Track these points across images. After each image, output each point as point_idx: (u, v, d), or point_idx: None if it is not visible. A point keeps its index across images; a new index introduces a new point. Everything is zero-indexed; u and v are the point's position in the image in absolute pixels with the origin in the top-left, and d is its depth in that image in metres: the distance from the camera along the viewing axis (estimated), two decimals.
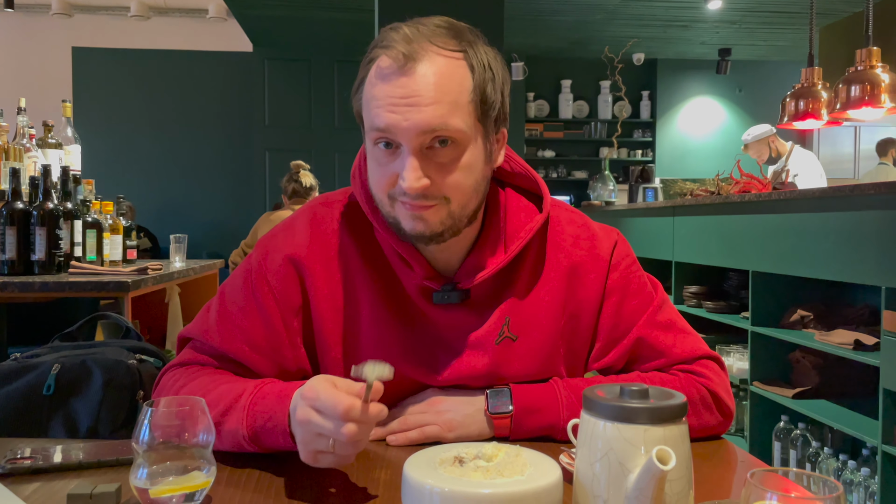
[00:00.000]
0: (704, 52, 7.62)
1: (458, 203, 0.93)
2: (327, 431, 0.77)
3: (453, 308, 1.01)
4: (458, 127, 0.89)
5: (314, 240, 1.01)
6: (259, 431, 0.87)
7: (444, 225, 0.93)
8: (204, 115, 7.63)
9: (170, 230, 4.31)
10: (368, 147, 0.95)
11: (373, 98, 0.91)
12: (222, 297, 1.02)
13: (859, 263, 2.43)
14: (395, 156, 0.91)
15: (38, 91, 7.00)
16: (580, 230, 1.07)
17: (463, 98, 0.90)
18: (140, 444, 0.73)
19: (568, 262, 1.04)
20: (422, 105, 0.88)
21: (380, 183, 0.93)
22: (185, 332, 1.04)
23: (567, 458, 0.91)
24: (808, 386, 2.85)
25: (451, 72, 0.90)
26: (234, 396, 0.90)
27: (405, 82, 0.88)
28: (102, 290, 2.19)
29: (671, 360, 1.04)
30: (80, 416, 1.22)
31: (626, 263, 1.06)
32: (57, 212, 2.44)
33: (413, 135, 0.88)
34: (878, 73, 2.99)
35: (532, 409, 0.98)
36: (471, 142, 0.92)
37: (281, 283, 1.00)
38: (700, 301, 3.66)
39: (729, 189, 3.45)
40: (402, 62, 0.88)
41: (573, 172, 7.94)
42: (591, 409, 0.68)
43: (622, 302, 1.04)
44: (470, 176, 0.93)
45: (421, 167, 0.89)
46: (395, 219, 0.94)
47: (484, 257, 1.00)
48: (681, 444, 0.66)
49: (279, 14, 6.37)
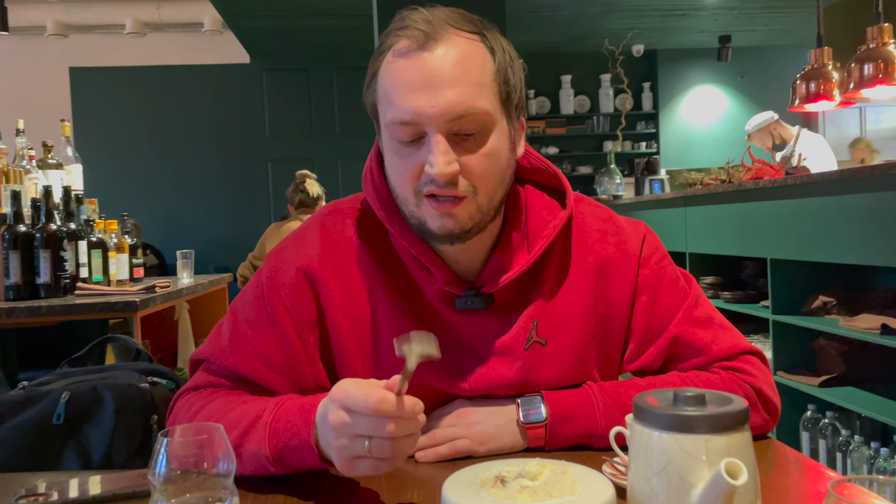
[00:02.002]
0: (704, 40, 7.55)
1: (486, 193, 0.89)
2: (363, 430, 0.73)
3: (477, 314, 0.96)
4: (484, 108, 0.86)
5: (326, 250, 0.97)
6: (283, 450, 0.82)
7: (473, 220, 0.89)
8: (204, 128, 7.60)
9: (175, 246, 4.27)
10: (387, 142, 0.90)
11: (392, 86, 0.87)
12: (234, 316, 0.98)
13: (883, 246, 2.37)
14: (419, 145, 0.87)
15: (36, 113, 6.98)
16: (606, 225, 1.02)
17: (486, 79, 0.87)
18: (157, 476, 0.68)
19: (595, 259, 0.99)
20: (446, 86, 0.84)
21: (404, 177, 0.89)
22: (198, 354, 0.99)
23: (610, 468, 0.85)
24: (835, 373, 2.79)
25: (472, 52, 0.87)
26: (255, 416, 0.85)
27: (427, 62, 0.85)
28: (110, 310, 2.15)
29: (711, 358, 0.98)
30: (93, 444, 1.18)
31: (657, 258, 1.02)
32: (60, 233, 2.40)
33: (440, 120, 0.84)
34: (892, 51, 2.92)
35: (567, 416, 0.93)
36: (496, 126, 0.89)
37: (294, 296, 0.95)
38: (717, 292, 3.60)
39: (741, 176, 3.38)
40: (422, 41, 0.85)
41: (578, 168, 7.88)
42: (644, 418, 0.63)
43: (655, 299, 0.99)
44: (497, 163, 0.90)
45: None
46: (421, 219, 0.90)
47: (507, 258, 0.96)
48: (746, 453, 0.60)
49: (275, 24, 6.33)
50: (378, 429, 0.72)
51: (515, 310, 0.97)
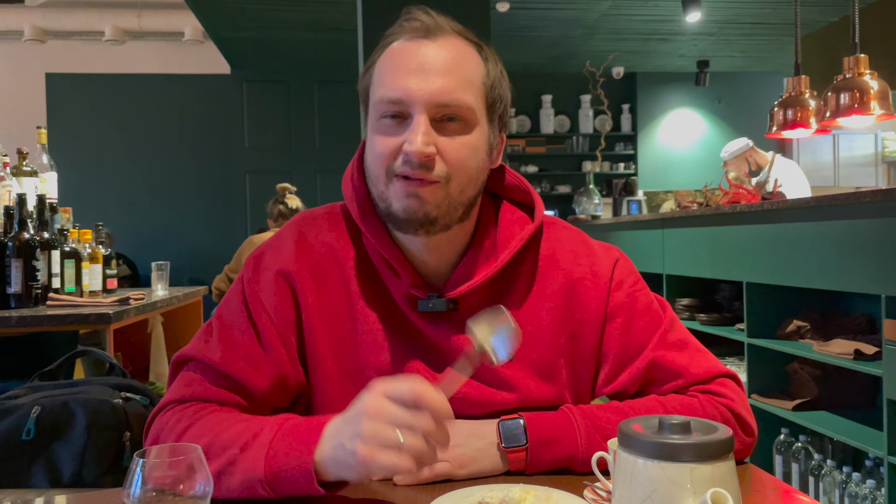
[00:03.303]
0: (683, 64, 7.66)
1: (458, 184, 0.92)
2: (402, 419, 0.74)
3: (443, 321, 0.98)
4: (469, 103, 0.91)
5: (301, 253, 1.00)
6: (278, 472, 0.80)
7: (440, 209, 0.91)
8: (182, 138, 7.54)
9: (149, 256, 4.22)
10: (372, 123, 0.95)
11: (387, 69, 0.93)
12: (220, 319, 0.99)
13: (857, 272, 2.40)
14: (402, 127, 0.91)
15: (11, 119, 6.89)
16: (579, 247, 1.05)
17: (476, 80, 0.93)
18: (131, 498, 0.67)
19: (566, 279, 1.02)
20: (437, 75, 0.90)
21: (382, 154, 0.92)
22: (183, 354, 0.98)
23: (592, 493, 0.85)
24: (808, 397, 2.81)
25: (466, 54, 0.94)
26: (252, 434, 0.84)
27: (424, 51, 0.91)
28: (83, 322, 2.11)
29: (688, 381, 0.99)
30: (63, 461, 1.15)
31: (630, 282, 1.03)
32: (33, 242, 2.36)
33: (426, 102, 0.89)
34: (867, 81, 2.98)
35: (548, 440, 0.92)
36: (477, 124, 0.93)
37: (274, 299, 0.97)
38: (693, 314, 3.62)
39: (718, 200, 3.42)
40: (422, 33, 0.92)
41: (556, 187, 7.93)
42: (629, 445, 0.63)
43: (629, 322, 1.01)
44: (473, 157, 0.93)
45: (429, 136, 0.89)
46: (388, 200, 0.93)
47: (474, 267, 0.99)
48: (730, 482, 0.60)
49: (257, 36, 6.32)
50: (418, 421, 0.74)
51: None
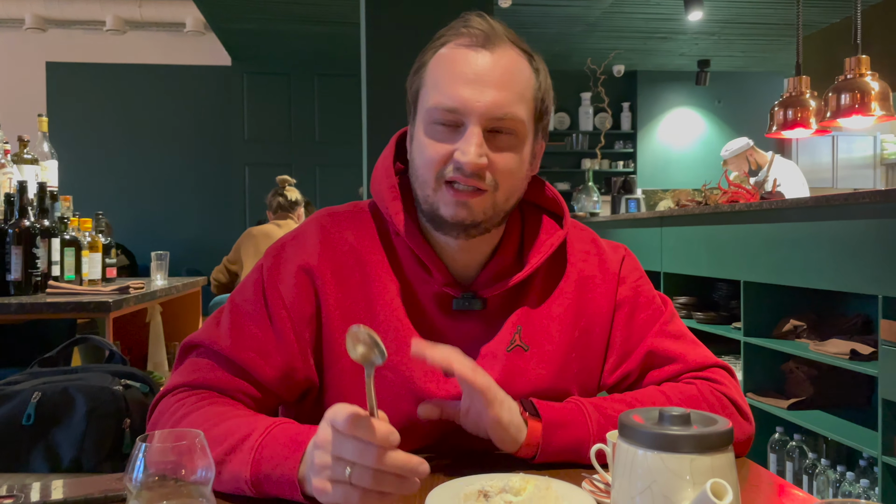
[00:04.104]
0: (684, 63, 7.67)
1: (505, 193, 0.94)
2: (347, 454, 0.69)
3: (465, 317, 1.00)
4: (521, 117, 0.93)
5: (324, 248, 1.00)
6: (264, 479, 0.80)
7: (486, 215, 0.94)
8: (182, 129, 7.53)
9: (147, 247, 4.22)
10: (421, 126, 0.95)
11: (443, 74, 0.93)
12: (234, 307, 0.99)
13: (855, 272, 2.41)
14: (454, 133, 0.92)
15: (11, 107, 6.87)
16: (590, 245, 1.08)
17: (528, 93, 0.95)
18: (134, 482, 0.67)
19: (578, 275, 1.05)
20: (493, 87, 0.91)
21: (432, 159, 0.93)
22: (192, 339, 0.98)
23: (590, 485, 0.85)
24: (803, 396, 2.82)
25: (521, 66, 0.95)
26: (242, 435, 0.83)
27: (480, 61, 0.92)
28: (82, 310, 2.10)
29: (685, 367, 1.02)
30: (62, 447, 1.15)
31: (635, 277, 1.08)
32: (33, 230, 2.36)
33: (482, 115, 0.90)
34: (868, 82, 2.99)
35: (560, 423, 0.93)
36: (527, 136, 0.95)
37: (294, 293, 0.98)
38: (690, 312, 3.63)
39: (717, 199, 3.43)
40: (481, 41, 0.93)
41: (555, 184, 7.92)
42: (629, 436, 0.63)
43: (632, 314, 1.05)
44: (520, 169, 0.96)
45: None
46: (434, 205, 0.94)
47: (502, 267, 1.01)
48: (729, 473, 0.61)
49: (258, 28, 6.31)
50: (363, 455, 0.68)
51: (502, 316, 1.01)
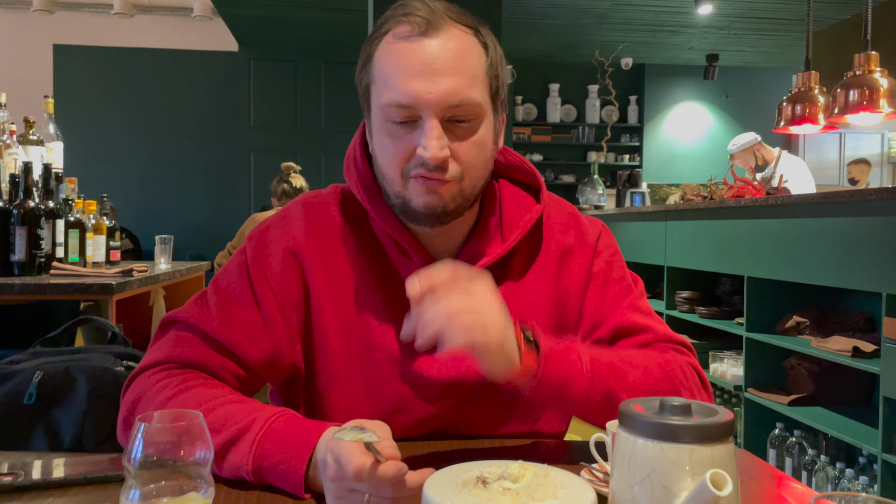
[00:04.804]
0: (692, 57, 7.62)
1: (471, 180, 0.93)
2: (361, 489, 0.71)
3: None
4: (477, 100, 0.90)
5: (310, 231, 0.99)
6: (265, 471, 0.80)
7: (456, 202, 0.92)
8: (188, 114, 7.52)
9: (151, 230, 4.22)
10: (378, 123, 0.93)
11: (391, 68, 0.90)
12: (219, 289, 0.97)
13: (859, 270, 2.40)
14: (412, 127, 0.90)
15: (18, 89, 6.85)
16: (569, 218, 1.08)
17: (480, 72, 0.92)
18: (132, 462, 0.67)
19: (557, 248, 1.05)
20: (445, 74, 0.88)
21: (395, 157, 0.91)
22: (174, 315, 0.96)
23: (588, 474, 0.85)
24: (804, 393, 2.82)
25: (469, 46, 0.91)
26: (242, 427, 0.83)
27: (427, 50, 0.88)
28: (86, 292, 2.11)
29: (656, 337, 1.02)
30: (63, 427, 1.15)
31: (610, 252, 1.08)
32: (38, 211, 2.36)
33: (437, 106, 0.87)
34: (877, 78, 2.97)
35: (554, 350, 0.87)
36: (485, 117, 0.93)
37: (280, 276, 0.97)
38: (692, 307, 3.63)
39: (722, 194, 3.42)
40: (423, 28, 0.89)
41: (560, 176, 7.91)
42: (629, 425, 0.63)
43: (604, 287, 1.05)
44: (483, 152, 0.94)
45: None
46: (405, 198, 0.92)
47: (482, 246, 1.00)
48: (729, 464, 0.60)
49: (266, 14, 6.28)
50: (378, 490, 0.70)
51: None
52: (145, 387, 0.90)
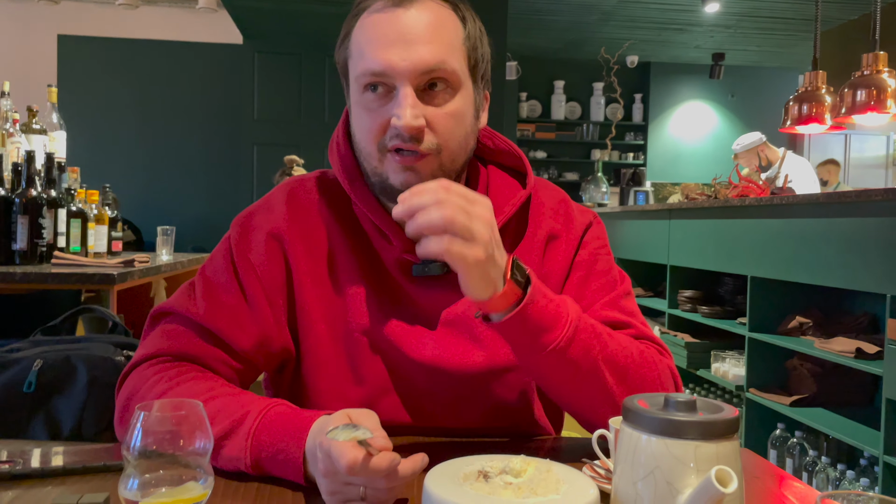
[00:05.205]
0: (698, 56, 7.60)
1: (449, 153, 0.91)
2: (356, 481, 0.71)
3: (433, 282, 0.97)
4: (453, 67, 0.89)
5: (293, 215, 0.99)
6: (264, 462, 0.80)
7: (434, 178, 0.88)
8: (191, 107, 7.51)
9: (153, 222, 4.21)
10: (355, 97, 0.92)
11: (365, 41, 0.89)
12: (205, 277, 0.97)
13: (863, 271, 2.39)
14: (387, 99, 0.89)
15: (22, 79, 6.85)
16: (560, 205, 1.07)
17: (457, 42, 0.91)
18: (131, 451, 0.66)
19: (545, 233, 1.03)
20: (419, 42, 0.87)
21: (371, 131, 0.90)
22: (163, 307, 0.96)
23: (590, 470, 0.85)
24: (806, 394, 2.81)
25: (445, 17, 0.91)
26: (237, 419, 0.82)
27: (401, 20, 0.88)
28: (87, 282, 2.10)
29: (637, 333, 0.99)
30: (62, 416, 1.15)
31: (597, 245, 1.05)
32: (40, 200, 2.35)
33: (411, 74, 0.87)
34: (885, 79, 2.95)
35: (544, 291, 0.85)
36: (462, 87, 0.91)
37: (264, 260, 0.96)
38: (695, 306, 3.62)
39: (727, 193, 3.40)
40: (397, 1, 0.88)
41: (564, 174, 7.91)
42: (633, 421, 0.62)
43: (586, 279, 1.02)
44: (461, 124, 0.92)
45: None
46: (383, 175, 0.91)
47: None
48: (734, 461, 0.60)
49: (271, 6, 6.27)
50: (372, 482, 0.70)
51: None
52: (139, 382, 0.90)
